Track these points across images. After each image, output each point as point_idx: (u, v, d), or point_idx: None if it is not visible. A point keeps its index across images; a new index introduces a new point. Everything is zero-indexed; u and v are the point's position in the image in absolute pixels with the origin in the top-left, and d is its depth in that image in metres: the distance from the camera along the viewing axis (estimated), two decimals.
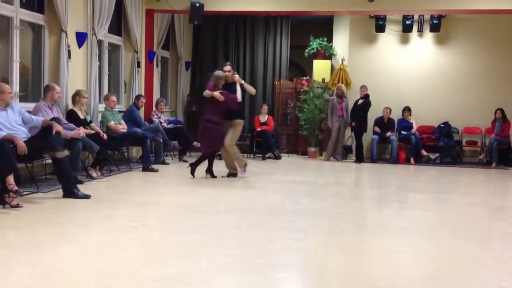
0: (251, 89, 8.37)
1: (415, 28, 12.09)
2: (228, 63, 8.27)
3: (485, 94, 11.91)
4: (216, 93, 7.71)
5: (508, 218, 6.14)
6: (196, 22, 10.94)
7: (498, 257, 4.34)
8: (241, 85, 8.04)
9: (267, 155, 11.35)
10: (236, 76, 8.14)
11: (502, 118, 11.43)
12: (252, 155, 11.58)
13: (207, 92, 7.80)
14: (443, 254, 4.41)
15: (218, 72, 7.96)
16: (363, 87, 11.43)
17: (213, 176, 8.02)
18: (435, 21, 11.80)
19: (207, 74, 12.33)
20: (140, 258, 3.98)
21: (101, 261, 3.82)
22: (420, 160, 11.42)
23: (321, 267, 3.96)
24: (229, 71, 7.97)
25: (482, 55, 11.98)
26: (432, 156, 11.57)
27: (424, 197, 7.41)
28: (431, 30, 11.97)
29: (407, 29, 12.01)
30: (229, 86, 7.92)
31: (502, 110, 11.43)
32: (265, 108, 11.79)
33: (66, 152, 6.14)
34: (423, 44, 12.27)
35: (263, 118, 11.69)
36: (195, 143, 10.95)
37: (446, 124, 11.92)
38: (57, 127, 6.05)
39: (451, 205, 6.91)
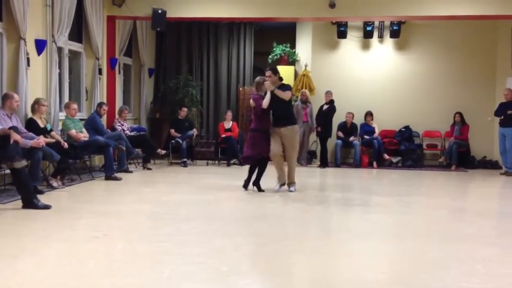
0: (283, 95, 7.66)
1: (375, 34, 12.31)
2: (268, 68, 8.04)
3: (444, 98, 12.19)
4: (251, 100, 7.88)
5: (467, 219, 6.29)
6: (158, 29, 10.85)
7: (457, 257, 4.44)
8: (271, 92, 7.60)
9: (232, 162, 11.34)
10: (267, 83, 7.70)
11: (461, 122, 11.73)
12: (217, 162, 11.55)
13: (251, 102, 7.91)
14: (405, 255, 4.50)
15: (258, 78, 7.93)
16: (328, 93, 11.57)
17: (260, 189, 7.70)
18: (395, 27, 12.05)
19: (171, 80, 12.37)
20: (102, 269, 3.91)
21: (62, 273, 3.74)
22: (382, 164, 11.62)
23: (286, 272, 3.98)
24: (269, 76, 7.75)
25: (440, 60, 12.29)
26: (394, 159, 11.78)
27: (387, 200, 7.52)
28: (391, 36, 12.20)
29: (368, 35, 12.22)
30: (281, 88, 7.74)
31: (460, 114, 11.73)
32: (229, 114, 11.77)
33: (24, 162, 5.99)
34: (383, 50, 12.50)
35: (228, 124, 11.68)
36: (158, 150, 10.87)
37: (407, 128, 12.17)
38: (15, 136, 5.92)
39: (413, 208, 7.06)
